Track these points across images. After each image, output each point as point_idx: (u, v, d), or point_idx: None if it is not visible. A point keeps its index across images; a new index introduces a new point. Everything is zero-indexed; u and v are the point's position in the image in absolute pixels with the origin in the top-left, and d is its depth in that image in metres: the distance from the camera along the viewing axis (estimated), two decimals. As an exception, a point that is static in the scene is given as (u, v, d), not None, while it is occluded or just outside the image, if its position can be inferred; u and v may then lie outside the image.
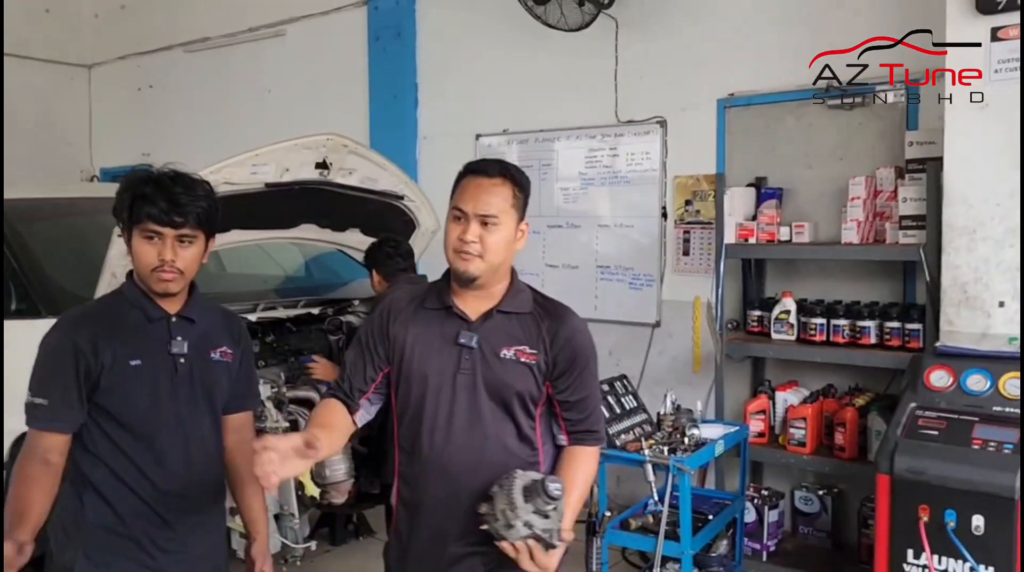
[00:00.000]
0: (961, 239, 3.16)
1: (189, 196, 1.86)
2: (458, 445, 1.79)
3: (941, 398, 2.86)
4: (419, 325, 1.84)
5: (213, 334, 2.03)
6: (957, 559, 2.59)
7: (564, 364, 1.84)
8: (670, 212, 4.59)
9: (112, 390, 1.87)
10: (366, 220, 3.80)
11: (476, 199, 1.75)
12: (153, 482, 1.91)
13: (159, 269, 1.86)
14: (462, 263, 1.77)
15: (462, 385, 1.80)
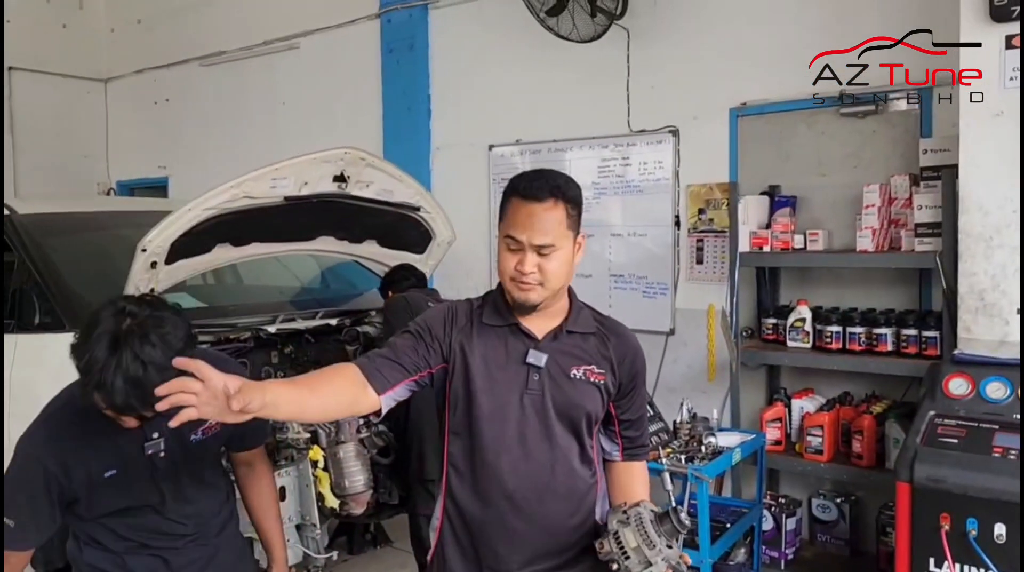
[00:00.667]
0: (978, 246, 3.16)
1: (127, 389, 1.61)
2: (525, 467, 1.74)
3: (960, 406, 2.86)
4: (483, 341, 1.77)
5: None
6: (980, 568, 2.58)
7: (628, 383, 1.84)
8: (683, 220, 4.60)
9: (92, 502, 1.81)
10: (383, 231, 3.83)
11: (530, 228, 1.67)
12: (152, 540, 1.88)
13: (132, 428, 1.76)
14: (521, 293, 1.71)
15: (530, 406, 1.74)
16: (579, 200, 1.77)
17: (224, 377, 1.44)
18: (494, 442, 1.74)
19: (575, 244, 1.75)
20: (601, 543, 1.64)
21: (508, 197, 1.74)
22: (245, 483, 2.14)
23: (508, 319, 1.78)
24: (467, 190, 5.37)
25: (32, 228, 3.54)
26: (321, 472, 3.16)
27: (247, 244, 3.43)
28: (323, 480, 3.15)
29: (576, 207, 1.75)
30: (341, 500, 3.24)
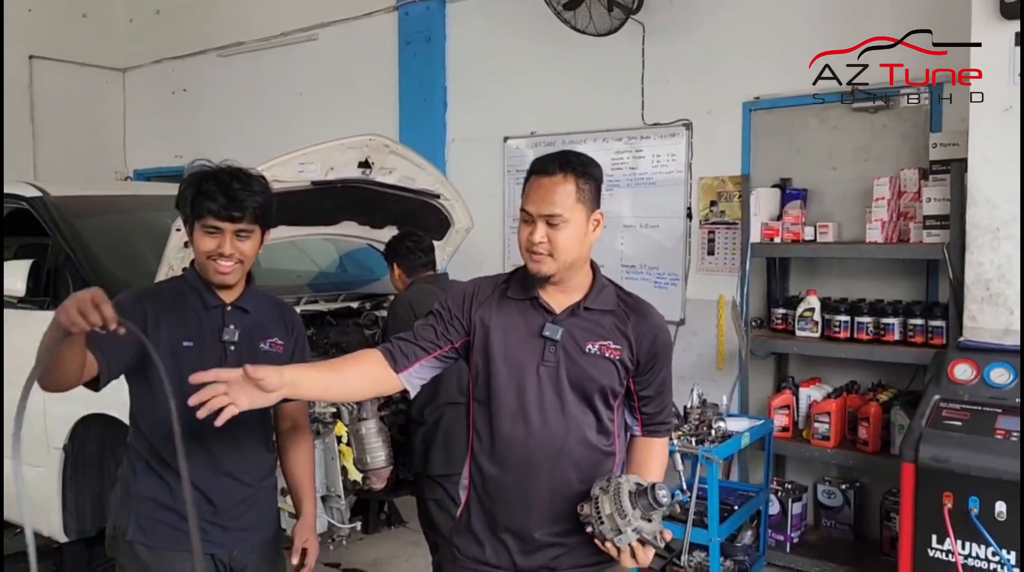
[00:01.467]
0: (984, 238, 3.25)
1: (246, 192, 1.95)
2: (540, 435, 1.82)
3: (965, 390, 2.96)
4: (504, 314, 1.87)
5: (266, 324, 2.11)
6: (980, 544, 2.68)
7: (648, 360, 1.88)
8: (695, 212, 4.69)
9: (166, 366, 1.92)
10: (403, 218, 3.93)
11: (539, 200, 1.78)
12: (197, 462, 1.94)
13: (216, 261, 1.96)
14: (533, 264, 1.81)
15: (545, 377, 1.82)
16: (593, 176, 1.83)
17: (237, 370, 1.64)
18: (511, 410, 1.85)
19: (589, 220, 1.82)
20: (582, 506, 1.74)
21: (528, 177, 1.85)
22: (287, 442, 2.24)
23: (529, 293, 1.88)
24: (482, 181, 5.46)
25: (64, 209, 3.64)
26: (344, 447, 3.26)
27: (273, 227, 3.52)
28: (346, 455, 3.26)
29: (588, 182, 1.81)
30: (363, 474, 3.34)
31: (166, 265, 3.00)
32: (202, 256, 1.97)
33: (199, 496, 1.96)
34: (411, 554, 4.19)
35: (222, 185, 1.93)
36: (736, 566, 3.65)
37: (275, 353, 2.09)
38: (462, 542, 1.94)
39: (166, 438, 1.89)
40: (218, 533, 2.03)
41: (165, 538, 1.98)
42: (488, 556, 1.89)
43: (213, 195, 1.92)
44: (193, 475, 1.90)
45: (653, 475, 1.90)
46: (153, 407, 1.97)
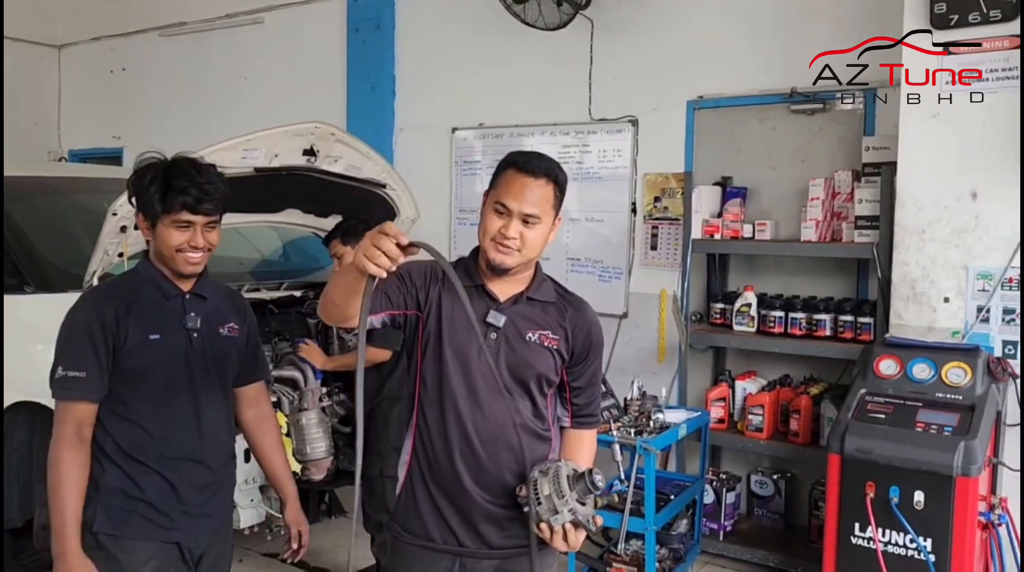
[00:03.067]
0: (911, 239, 3.39)
1: (213, 183, 2.01)
2: (481, 417, 1.89)
3: (889, 385, 3.09)
4: (450, 299, 1.92)
5: (222, 310, 2.17)
6: (899, 532, 2.81)
7: (581, 353, 1.97)
8: (639, 208, 4.77)
9: (132, 362, 1.99)
10: (349, 207, 3.90)
11: (522, 199, 1.83)
12: (164, 451, 2.03)
13: (186, 253, 2.01)
14: (499, 255, 1.85)
15: (486, 361, 1.89)
16: (565, 186, 1.95)
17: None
18: (454, 391, 1.91)
19: (553, 223, 1.93)
20: (521, 487, 1.83)
21: (504, 169, 1.89)
22: (254, 427, 2.29)
23: (475, 280, 1.94)
24: (429, 172, 5.46)
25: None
26: (284, 438, 3.25)
27: (223, 213, 3.48)
28: (286, 445, 3.24)
29: (562, 191, 1.92)
30: (302, 465, 3.34)
31: (100, 251, 2.94)
32: (170, 250, 2.01)
33: (165, 484, 2.03)
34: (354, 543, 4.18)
35: (191, 179, 1.98)
36: (671, 554, 3.74)
37: (233, 338, 2.17)
38: (405, 520, 1.98)
39: (134, 436, 2.01)
40: (184, 520, 2.07)
41: (134, 527, 2.01)
42: (432, 532, 1.94)
43: (185, 190, 1.96)
44: (160, 464, 2.03)
45: (585, 465, 1.95)
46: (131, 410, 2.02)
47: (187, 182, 1.97)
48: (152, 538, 2.02)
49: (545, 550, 1.93)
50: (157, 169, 2.00)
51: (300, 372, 3.40)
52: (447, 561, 1.95)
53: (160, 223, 1.99)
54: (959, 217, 3.29)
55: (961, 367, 3.00)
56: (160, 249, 2.03)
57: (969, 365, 3.00)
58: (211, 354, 2.11)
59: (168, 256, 2.03)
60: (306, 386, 3.38)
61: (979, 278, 3.25)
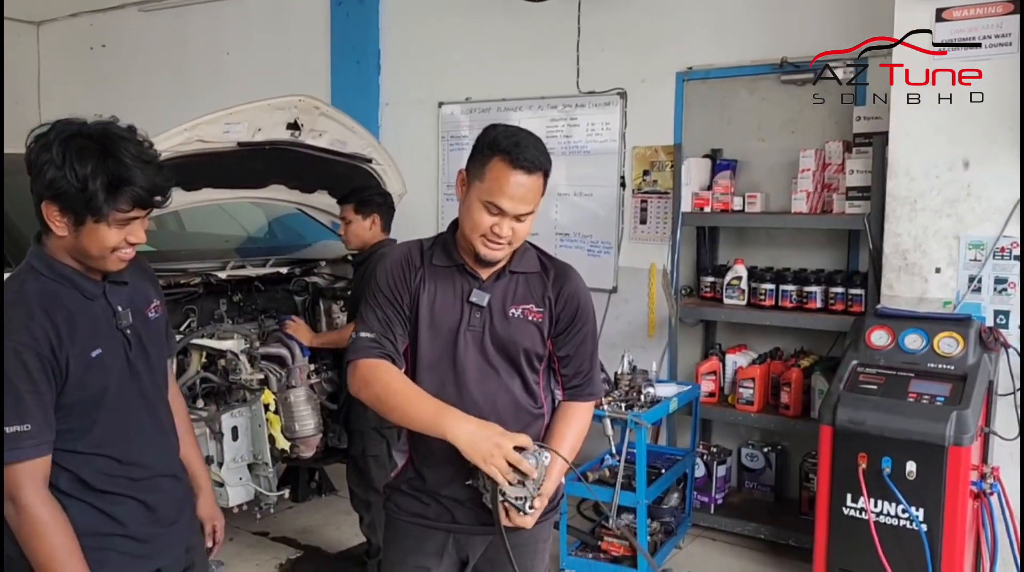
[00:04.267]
0: (903, 209, 3.36)
1: (163, 170, 1.65)
2: (470, 399, 1.85)
3: (880, 356, 3.08)
4: (432, 281, 1.88)
5: (140, 287, 1.81)
6: (891, 501, 2.81)
7: (566, 321, 1.91)
8: (628, 182, 4.73)
9: (80, 393, 1.64)
10: (334, 182, 3.84)
11: (520, 200, 1.76)
12: (136, 474, 1.74)
13: (122, 250, 1.64)
14: (489, 251, 1.80)
15: (472, 341, 1.85)
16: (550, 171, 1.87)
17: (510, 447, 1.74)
18: (442, 374, 1.88)
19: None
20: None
21: (491, 156, 1.77)
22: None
23: (456, 260, 1.90)
24: (415, 147, 5.39)
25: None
26: (272, 415, 3.21)
27: (199, 189, 3.42)
28: (274, 423, 3.21)
29: (548, 177, 1.86)
30: (291, 443, 3.30)
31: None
32: (103, 251, 1.62)
33: (141, 508, 1.75)
34: (342, 522, 4.17)
35: (140, 165, 1.59)
36: (662, 528, 3.74)
37: (159, 317, 1.85)
38: (401, 500, 1.96)
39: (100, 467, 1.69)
40: (163, 541, 1.80)
41: (113, 566, 1.71)
42: (425, 510, 1.93)
43: (136, 180, 1.57)
44: (134, 488, 1.75)
45: (566, 439, 1.92)
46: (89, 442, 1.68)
47: (137, 170, 1.58)
48: (139, 569, 1.76)
49: (541, 524, 1.90)
50: (94, 154, 1.56)
51: (287, 349, 3.36)
52: (440, 537, 1.93)
53: (99, 222, 1.58)
54: (951, 187, 3.26)
55: (953, 337, 2.99)
56: (86, 249, 1.62)
57: (961, 335, 2.99)
58: (149, 348, 1.79)
59: (97, 256, 1.63)
60: (294, 363, 3.33)
61: (971, 248, 3.22)
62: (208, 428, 2.98)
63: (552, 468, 1.84)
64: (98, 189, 1.55)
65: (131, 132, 1.66)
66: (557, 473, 1.88)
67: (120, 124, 1.67)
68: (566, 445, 1.92)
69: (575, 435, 1.96)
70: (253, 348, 3.16)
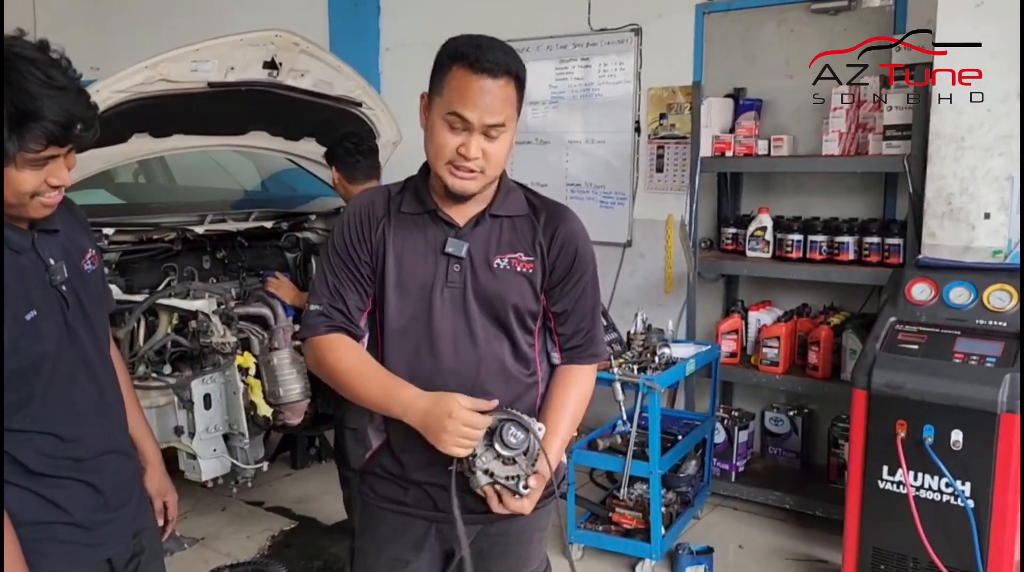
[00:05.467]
0: (948, 148, 3.01)
1: (83, 94, 1.36)
2: (450, 367, 1.59)
3: (922, 312, 2.75)
4: (400, 232, 1.60)
5: (72, 236, 1.56)
6: (934, 475, 2.51)
7: (561, 270, 1.63)
8: (643, 126, 4.39)
9: (16, 361, 1.40)
10: (321, 128, 3.54)
11: (485, 108, 1.47)
12: (79, 452, 1.51)
13: (44, 195, 1.39)
14: (459, 182, 1.52)
15: (450, 300, 1.58)
16: (525, 78, 1.57)
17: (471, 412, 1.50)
18: (414, 341, 1.60)
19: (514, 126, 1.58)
20: None
21: (450, 66, 1.50)
22: None
23: (428, 205, 1.60)
24: (419, 93, 5.05)
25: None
26: (253, 380, 2.97)
27: (168, 135, 3.14)
28: (255, 388, 2.96)
29: (522, 87, 1.56)
30: (275, 409, 3.06)
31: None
32: (21, 197, 1.36)
33: (87, 490, 1.53)
34: (340, 490, 3.95)
35: (52, 91, 1.30)
36: (679, 497, 3.48)
37: (96, 269, 1.60)
38: (377, 484, 1.70)
39: (39, 447, 1.46)
40: (111, 528, 1.58)
41: (56, 558, 1.50)
42: (408, 499, 1.67)
43: (47, 112, 1.29)
44: (77, 469, 1.51)
45: (565, 408, 1.66)
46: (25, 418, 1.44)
47: (47, 99, 1.29)
48: (78, 564, 1.52)
49: (537, 511, 1.63)
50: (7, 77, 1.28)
51: (269, 309, 3.10)
52: (421, 527, 1.67)
53: (6, 165, 1.32)
54: (1004, 121, 2.89)
55: (1005, 290, 2.65)
56: (8, 196, 1.36)
57: (1014, 287, 2.65)
58: (87, 305, 1.54)
59: (14, 204, 1.37)
60: (276, 324, 3.08)
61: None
62: (177, 396, 2.73)
63: (551, 442, 1.58)
64: (10, 121, 1.28)
65: (40, 50, 1.35)
66: (557, 448, 1.62)
67: (27, 39, 1.36)
68: (566, 415, 1.65)
69: (576, 403, 1.68)
70: (228, 308, 2.90)
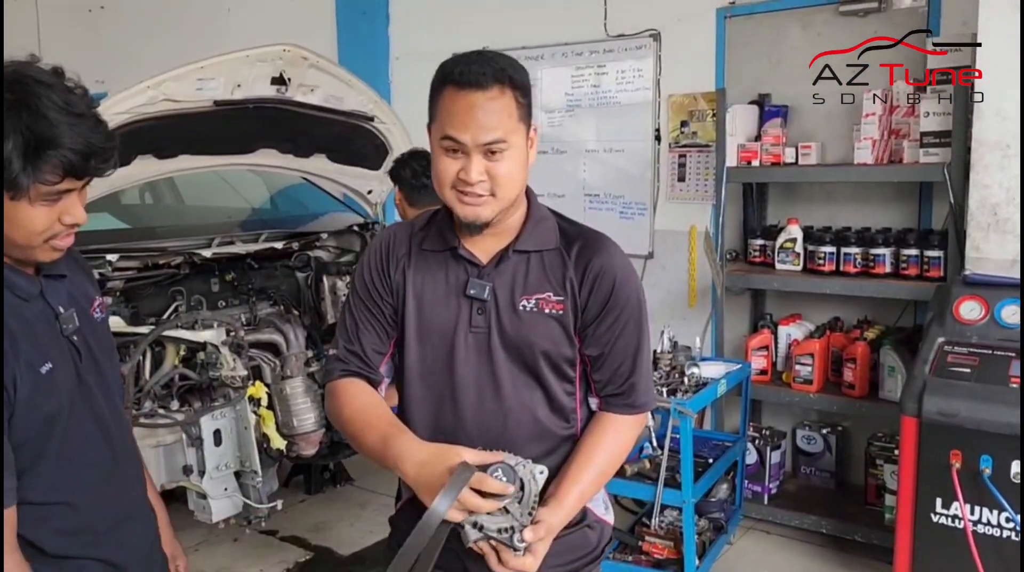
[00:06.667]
0: (993, 155, 2.85)
1: (102, 126, 1.25)
2: (474, 419, 1.45)
3: (972, 332, 2.60)
4: (420, 272, 1.48)
5: (77, 282, 1.44)
6: (993, 508, 2.36)
7: (595, 308, 1.45)
8: (664, 135, 4.24)
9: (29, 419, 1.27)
10: (332, 144, 3.42)
11: (476, 125, 1.34)
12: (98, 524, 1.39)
13: (58, 237, 1.28)
14: (468, 208, 1.38)
15: (475, 346, 1.44)
16: (528, 86, 1.43)
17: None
18: (436, 392, 1.46)
19: (528, 139, 1.42)
20: None
21: (440, 88, 1.39)
22: None
23: (450, 242, 1.46)
24: (429, 103, 4.93)
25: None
26: (265, 411, 2.85)
27: (174, 156, 3.02)
28: (268, 419, 2.84)
29: (526, 95, 1.41)
30: (289, 440, 2.94)
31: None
32: (30, 238, 1.24)
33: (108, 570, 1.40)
34: (357, 516, 3.83)
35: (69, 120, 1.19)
36: (711, 524, 3.33)
37: (104, 317, 1.49)
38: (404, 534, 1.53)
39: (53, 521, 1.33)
40: None
41: None
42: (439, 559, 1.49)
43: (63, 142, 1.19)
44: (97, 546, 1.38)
45: (592, 458, 1.46)
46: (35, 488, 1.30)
47: (65, 126, 1.18)
48: None
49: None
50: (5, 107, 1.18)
51: (281, 334, 2.97)
52: None
53: (18, 199, 1.20)
54: (1053, 127, 2.74)
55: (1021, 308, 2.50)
56: (10, 236, 1.23)
57: (1070, 305, 2.50)
58: (99, 357, 1.42)
59: (23, 245, 1.25)
60: (289, 351, 2.96)
61: (1079, 199, 2.71)
62: (185, 433, 2.60)
63: (567, 491, 1.40)
64: (12, 155, 1.17)
65: (57, 76, 1.25)
66: (574, 499, 1.42)
67: (42, 65, 1.26)
68: (591, 464, 1.45)
69: (608, 453, 1.48)
70: (238, 337, 2.77)
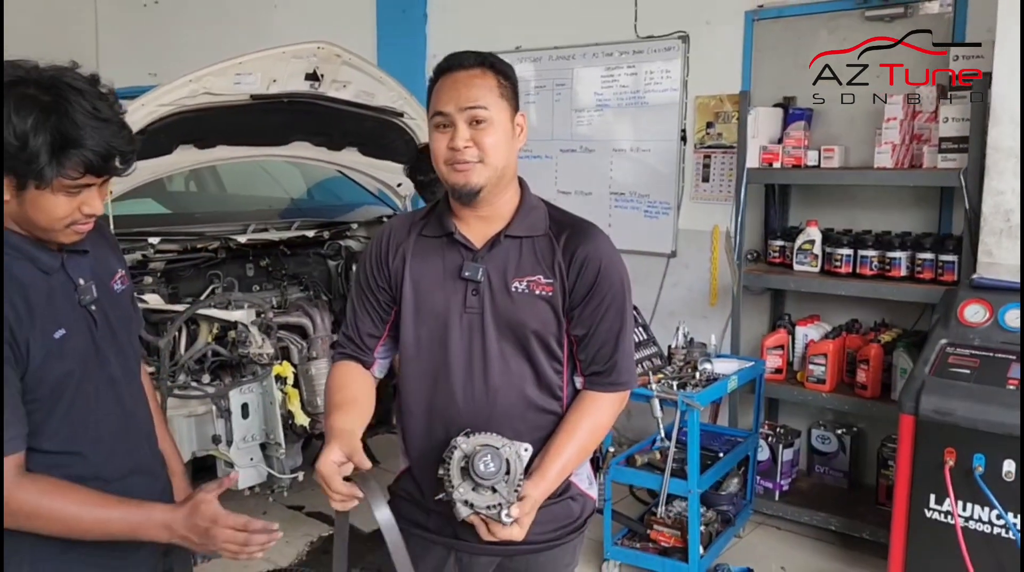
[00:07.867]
0: (1007, 162, 2.88)
1: (125, 129, 1.38)
2: (466, 397, 1.57)
3: (975, 334, 2.64)
4: (418, 257, 1.61)
5: (101, 256, 1.55)
6: (984, 506, 2.41)
7: (582, 291, 1.57)
8: (690, 135, 4.31)
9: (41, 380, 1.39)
10: (364, 138, 3.56)
11: (456, 96, 1.49)
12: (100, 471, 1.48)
13: (78, 224, 1.40)
14: (460, 175, 1.51)
15: (468, 326, 1.56)
16: (511, 75, 1.58)
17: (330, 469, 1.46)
18: (431, 370, 1.60)
19: (514, 123, 1.56)
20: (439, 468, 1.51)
21: (433, 82, 1.57)
22: None
23: (447, 228, 1.59)
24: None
25: None
26: (291, 389, 3.00)
27: (213, 146, 3.19)
28: (293, 397, 3.00)
29: (508, 80, 1.57)
30: (313, 418, 3.09)
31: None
32: (52, 222, 1.37)
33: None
34: (378, 496, 3.97)
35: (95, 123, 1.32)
36: (719, 516, 3.41)
37: (126, 289, 1.60)
38: (403, 506, 1.69)
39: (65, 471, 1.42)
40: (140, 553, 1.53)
41: None
42: (430, 524, 1.65)
43: (88, 142, 1.31)
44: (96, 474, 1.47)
45: (573, 435, 1.58)
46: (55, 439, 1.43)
47: (90, 129, 1.31)
48: None
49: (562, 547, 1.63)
50: (39, 106, 1.30)
51: (308, 318, 3.13)
52: (441, 552, 1.66)
53: (42, 189, 1.32)
54: (1068, 135, 2.76)
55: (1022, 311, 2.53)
56: (32, 219, 1.36)
57: (1074, 311, 2.53)
58: (116, 325, 1.53)
59: (46, 228, 1.38)
60: (315, 333, 3.11)
61: (1090, 208, 2.73)
62: (215, 405, 2.77)
63: (549, 466, 1.52)
64: (40, 149, 1.29)
65: (91, 83, 1.38)
66: (555, 473, 1.53)
67: (80, 71, 1.39)
68: (572, 441, 1.57)
69: (588, 430, 1.59)
70: (267, 318, 2.93)
